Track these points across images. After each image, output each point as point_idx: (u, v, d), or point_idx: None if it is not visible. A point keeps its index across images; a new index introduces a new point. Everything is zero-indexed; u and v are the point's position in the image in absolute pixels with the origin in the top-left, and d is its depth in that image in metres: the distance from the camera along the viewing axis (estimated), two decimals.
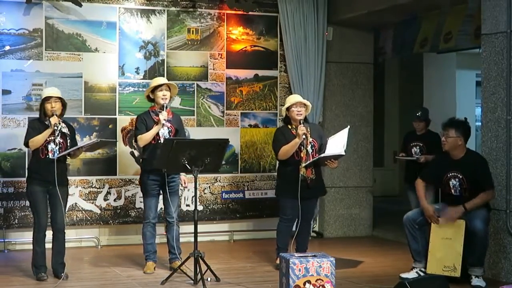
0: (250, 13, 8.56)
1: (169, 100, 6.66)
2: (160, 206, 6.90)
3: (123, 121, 8.07)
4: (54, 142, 6.19)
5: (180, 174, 6.76)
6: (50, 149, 6.18)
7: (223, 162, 7.73)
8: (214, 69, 8.45)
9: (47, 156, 6.17)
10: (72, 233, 7.65)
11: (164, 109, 6.53)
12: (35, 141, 6.16)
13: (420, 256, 6.41)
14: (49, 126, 6.16)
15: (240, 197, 8.56)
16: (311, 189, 6.64)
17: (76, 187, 7.82)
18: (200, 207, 8.30)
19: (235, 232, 8.62)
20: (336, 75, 9.02)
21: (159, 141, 6.53)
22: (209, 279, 6.14)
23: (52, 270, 6.35)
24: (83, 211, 7.92)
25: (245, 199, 8.58)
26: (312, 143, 6.66)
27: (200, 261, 6.06)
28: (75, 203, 7.86)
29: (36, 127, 6.22)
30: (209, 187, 8.40)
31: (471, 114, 10.65)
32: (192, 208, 8.08)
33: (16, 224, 7.68)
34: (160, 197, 6.76)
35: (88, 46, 7.98)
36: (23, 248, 7.60)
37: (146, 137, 6.53)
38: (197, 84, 8.37)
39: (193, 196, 7.94)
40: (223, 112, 8.48)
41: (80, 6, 7.84)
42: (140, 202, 7.69)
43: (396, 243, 8.38)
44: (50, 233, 6.33)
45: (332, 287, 5.40)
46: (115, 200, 8.04)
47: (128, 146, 8.05)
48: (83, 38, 7.96)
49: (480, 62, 6.71)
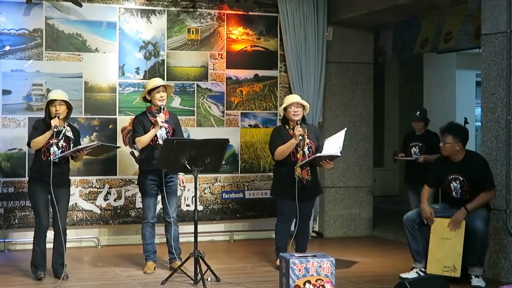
0: (250, 13, 8.55)
1: (165, 100, 6.67)
2: (159, 206, 6.91)
3: (123, 121, 8.07)
4: (57, 145, 6.19)
5: (178, 173, 6.77)
6: (52, 151, 6.17)
7: (223, 162, 7.74)
8: (214, 69, 8.45)
9: (49, 158, 6.17)
10: (72, 233, 7.61)
11: (161, 111, 6.54)
12: (36, 141, 6.17)
13: (420, 256, 6.41)
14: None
15: (240, 197, 8.56)
16: (307, 190, 6.62)
17: (76, 187, 7.82)
18: (200, 207, 8.30)
19: (235, 232, 8.62)
20: (336, 75, 9.01)
21: (157, 142, 6.54)
22: (209, 279, 6.14)
23: (52, 270, 6.36)
24: (83, 211, 7.93)
25: (245, 199, 8.57)
26: (309, 144, 6.64)
27: (200, 261, 6.07)
28: (75, 203, 7.85)
29: (40, 127, 6.23)
30: (209, 187, 8.40)
31: (471, 114, 10.67)
32: (192, 208, 8.08)
33: (17, 224, 7.68)
34: (159, 197, 6.77)
35: (88, 46, 7.98)
36: (23, 248, 7.60)
37: (144, 139, 6.53)
38: (197, 84, 8.37)
39: (193, 196, 7.93)
40: (223, 112, 8.48)
41: (80, 6, 7.84)
42: (140, 202, 7.68)
43: (396, 243, 8.38)
44: (51, 233, 6.33)
45: (332, 287, 5.41)
46: (115, 200, 8.04)
47: (128, 146, 8.05)
48: (83, 38, 7.96)
49: (480, 62, 6.71)
